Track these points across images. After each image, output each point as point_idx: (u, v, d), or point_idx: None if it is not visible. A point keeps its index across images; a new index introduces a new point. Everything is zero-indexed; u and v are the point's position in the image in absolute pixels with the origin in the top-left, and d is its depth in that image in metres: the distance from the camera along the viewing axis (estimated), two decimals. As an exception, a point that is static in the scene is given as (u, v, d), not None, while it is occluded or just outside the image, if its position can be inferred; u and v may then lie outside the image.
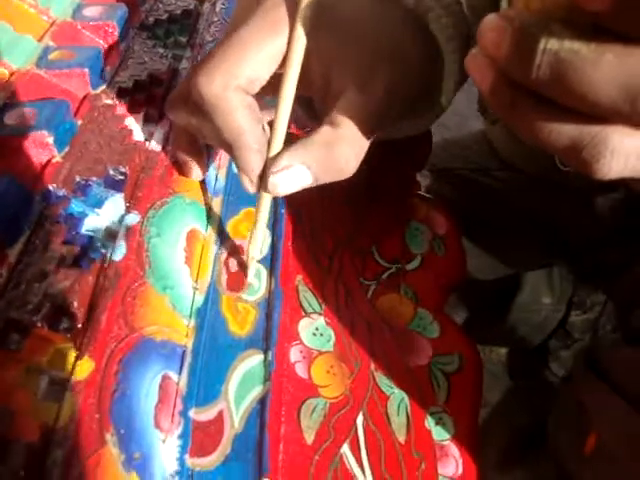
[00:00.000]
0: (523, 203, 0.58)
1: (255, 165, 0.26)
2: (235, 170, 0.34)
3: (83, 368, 0.23)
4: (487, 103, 0.20)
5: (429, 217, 0.34)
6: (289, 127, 0.27)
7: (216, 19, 0.45)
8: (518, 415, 0.68)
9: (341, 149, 0.25)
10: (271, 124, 0.26)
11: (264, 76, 0.26)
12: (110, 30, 0.36)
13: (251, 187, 0.27)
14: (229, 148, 0.26)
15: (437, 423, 0.26)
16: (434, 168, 0.63)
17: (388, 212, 0.34)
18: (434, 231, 0.34)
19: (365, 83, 0.26)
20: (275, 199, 0.32)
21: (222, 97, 0.25)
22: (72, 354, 0.23)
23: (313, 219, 0.33)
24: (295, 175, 0.25)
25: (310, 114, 0.35)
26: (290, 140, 0.26)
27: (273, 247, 0.31)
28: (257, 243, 0.29)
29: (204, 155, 0.32)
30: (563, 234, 0.57)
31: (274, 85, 0.26)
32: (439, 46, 0.28)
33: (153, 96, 0.34)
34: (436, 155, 0.62)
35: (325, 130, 0.25)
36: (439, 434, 0.26)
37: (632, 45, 0.15)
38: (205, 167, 0.32)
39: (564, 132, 0.17)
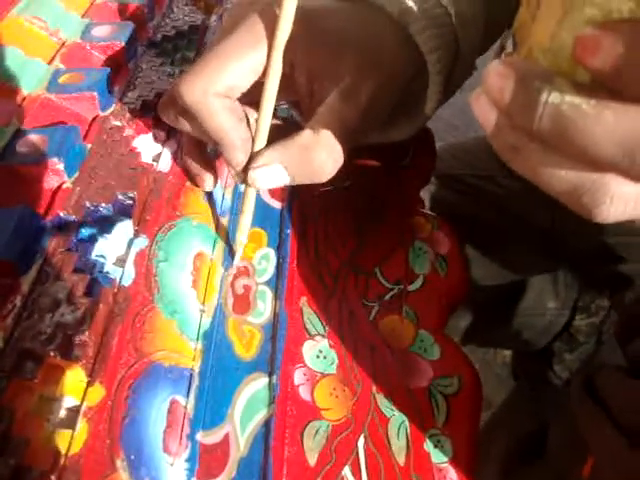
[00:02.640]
0: (528, 210, 0.58)
1: (239, 160, 0.28)
2: (242, 189, 0.35)
3: (94, 395, 0.24)
4: (490, 142, 0.20)
5: (432, 236, 0.35)
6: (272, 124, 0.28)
7: (223, 32, 0.45)
8: (521, 419, 0.69)
9: (318, 154, 0.27)
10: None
11: (244, 84, 0.28)
12: (118, 49, 0.37)
13: (237, 179, 0.30)
14: (217, 144, 0.29)
15: (436, 446, 0.27)
16: (439, 174, 0.64)
17: (392, 231, 0.34)
18: (436, 251, 0.34)
19: (349, 93, 0.27)
20: (281, 221, 0.33)
21: (203, 102, 0.27)
22: (84, 381, 0.24)
23: (318, 239, 0.33)
24: (273, 173, 0.27)
25: (302, 114, 0.36)
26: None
27: (278, 268, 0.32)
28: (244, 229, 0.31)
29: (214, 165, 0.33)
30: (567, 242, 0.57)
31: (258, 91, 0.28)
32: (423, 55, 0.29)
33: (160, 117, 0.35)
34: (442, 160, 0.62)
35: (304, 134, 0.27)
36: (437, 457, 0.27)
37: (629, 103, 0.16)
38: (216, 177, 0.33)
39: (565, 177, 0.18)
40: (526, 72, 0.17)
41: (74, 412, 0.23)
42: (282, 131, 0.28)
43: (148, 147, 0.33)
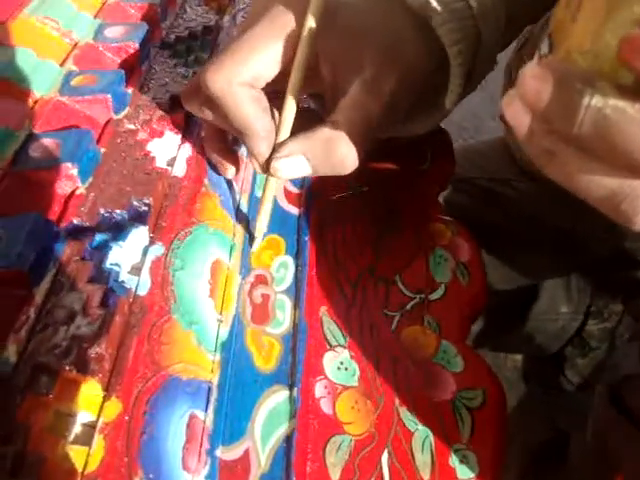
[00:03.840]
0: (542, 214, 0.57)
1: (262, 150, 0.28)
2: (258, 195, 0.34)
3: (111, 410, 0.23)
4: (522, 148, 0.20)
5: (452, 243, 0.34)
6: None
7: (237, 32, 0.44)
8: (534, 423, 0.68)
9: (339, 147, 0.27)
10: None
11: (268, 74, 0.28)
12: (131, 51, 0.36)
13: (259, 169, 0.29)
14: (240, 134, 0.28)
15: (461, 461, 0.26)
16: (453, 178, 0.63)
17: (411, 238, 0.34)
18: (457, 258, 0.33)
19: (371, 85, 0.27)
20: (298, 227, 0.32)
21: (228, 91, 0.27)
22: (100, 396, 0.23)
23: (336, 246, 0.32)
24: (295, 164, 0.27)
25: (324, 108, 0.36)
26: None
27: (297, 277, 0.31)
28: (264, 220, 0.31)
29: (235, 153, 0.33)
30: (581, 246, 0.56)
31: (282, 82, 0.28)
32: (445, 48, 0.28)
33: (174, 120, 0.34)
34: (455, 164, 0.61)
35: (327, 126, 0.27)
36: (463, 472, 0.26)
37: None
38: (238, 165, 0.33)
39: (604, 183, 0.17)
40: (565, 74, 0.16)
41: (90, 428, 0.23)
42: (305, 123, 0.28)
43: (163, 151, 0.32)
